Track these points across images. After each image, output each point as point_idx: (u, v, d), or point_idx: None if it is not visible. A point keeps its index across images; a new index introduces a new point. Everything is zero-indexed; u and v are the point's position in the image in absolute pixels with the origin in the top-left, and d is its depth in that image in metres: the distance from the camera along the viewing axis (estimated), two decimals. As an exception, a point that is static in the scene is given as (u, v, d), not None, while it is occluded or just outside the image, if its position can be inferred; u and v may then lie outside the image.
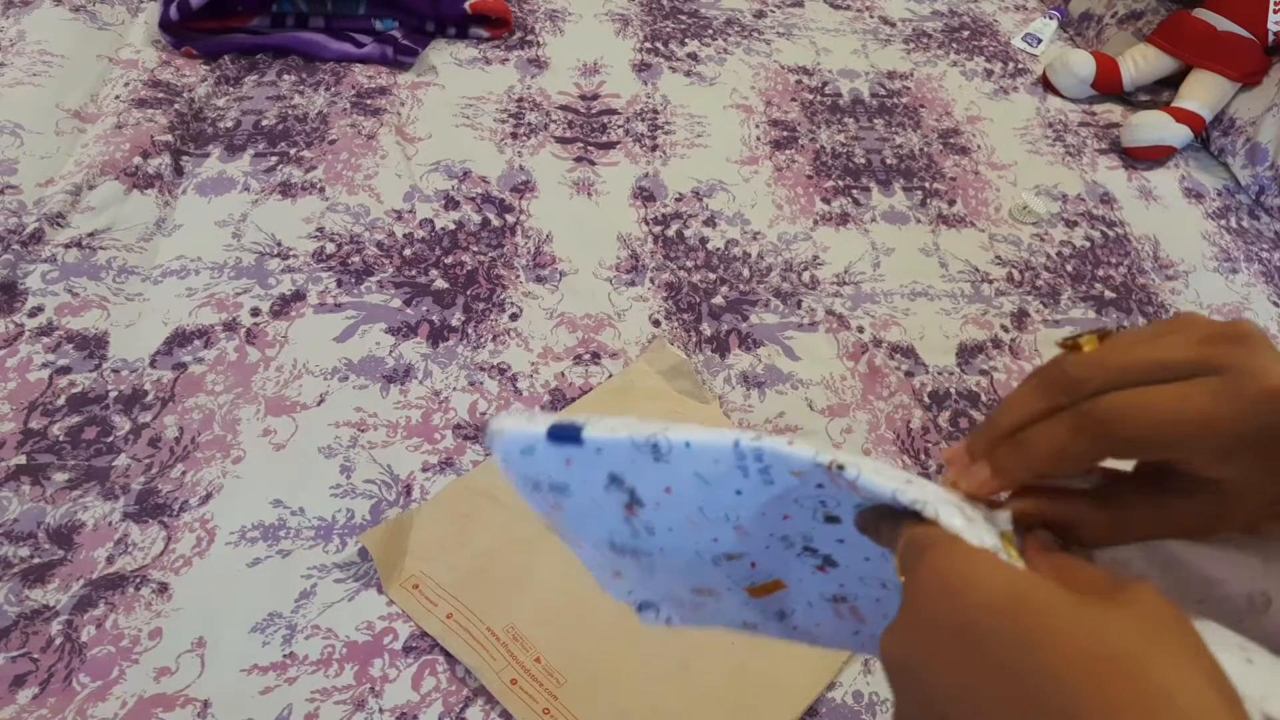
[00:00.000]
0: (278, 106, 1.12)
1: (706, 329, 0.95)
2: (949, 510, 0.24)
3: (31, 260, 0.87)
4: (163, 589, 0.68)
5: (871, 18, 1.56)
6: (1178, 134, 1.29)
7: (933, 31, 1.55)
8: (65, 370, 0.80)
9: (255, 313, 0.88)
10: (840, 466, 0.25)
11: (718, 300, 0.99)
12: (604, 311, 0.95)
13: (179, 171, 1.01)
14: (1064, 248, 1.15)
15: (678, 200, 1.11)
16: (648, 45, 1.38)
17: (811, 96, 1.34)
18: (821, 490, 0.28)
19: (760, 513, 0.30)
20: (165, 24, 1.15)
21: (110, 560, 0.68)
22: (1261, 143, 1.27)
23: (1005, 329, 1.02)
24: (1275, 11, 1.30)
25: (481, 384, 0.85)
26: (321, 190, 1.02)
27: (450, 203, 1.04)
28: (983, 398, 0.93)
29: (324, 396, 0.82)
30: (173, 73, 1.13)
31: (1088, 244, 1.16)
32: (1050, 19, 1.60)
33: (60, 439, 0.75)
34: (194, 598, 0.67)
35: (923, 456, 0.87)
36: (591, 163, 1.14)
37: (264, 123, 1.10)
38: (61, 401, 0.77)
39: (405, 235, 0.99)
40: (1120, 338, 0.25)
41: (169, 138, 1.03)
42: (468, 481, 0.77)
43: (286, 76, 1.17)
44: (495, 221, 1.03)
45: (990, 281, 1.08)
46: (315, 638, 0.67)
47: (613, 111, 1.24)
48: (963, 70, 1.46)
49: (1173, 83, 1.40)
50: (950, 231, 1.14)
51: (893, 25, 1.55)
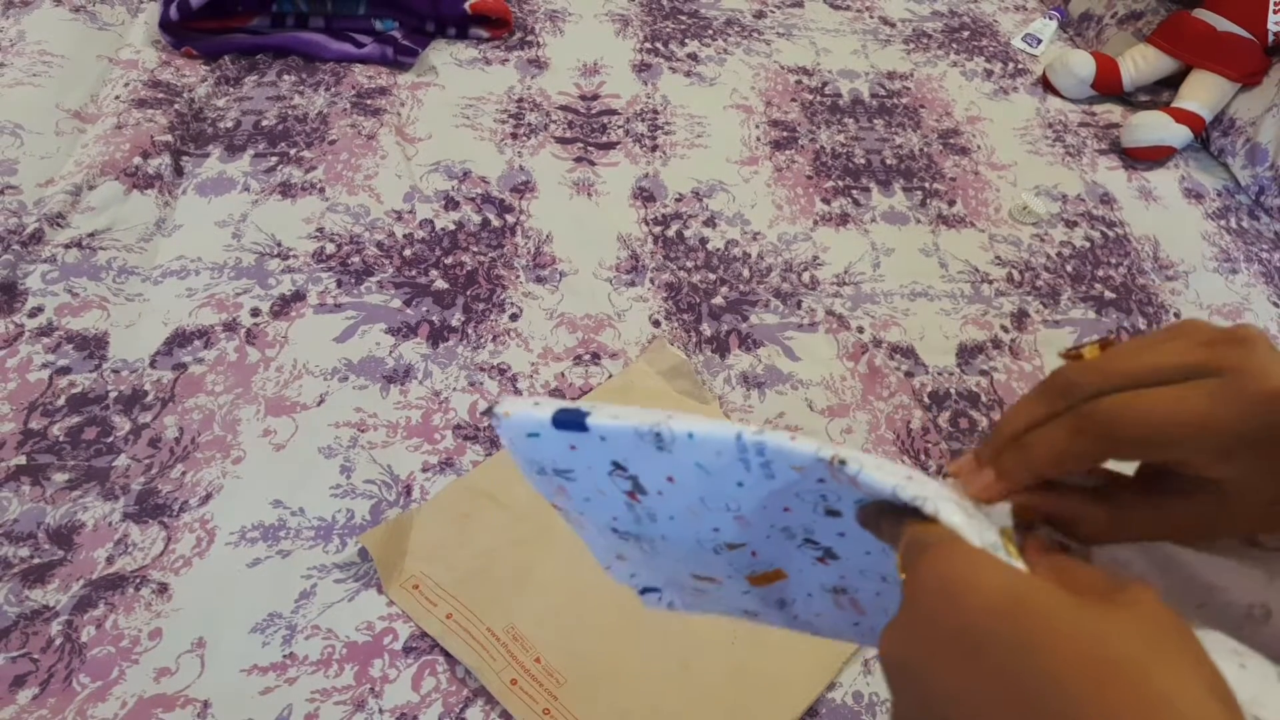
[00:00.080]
0: (278, 107, 1.12)
1: (706, 329, 0.95)
2: (949, 507, 0.24)
3: (31, 260, 0.87)
4: (163, 589, 0.68)
5: (871, 18, 1.56)
6: (1178, 134, 1.29)
7: (933, 32, 1.55)
8: (65, 370, 0.80)
9: (255, 313, 0.88)
10: (841, 462, 0.26)
11: (718, 301, 0.99)
12: (604, 312, 0.95)
13: (179, 172, 1.01)
14: (1064, 248, 1.15)
15: (678, 200, 1.11)
16: (648, 45, 1.38)
17: (811, 97, 1.34)
18: (823, 485, 0.28)
19: (761, 504, 0.30)
20: (165, 24, 1.15)
21: (110, 560, 0.68)
22: (1261, 143, 1.27)
23: (1005, 329, 1.02)
24: (1275, 12, 1.30)
25: (481, 384, 0.86)
26: (321, 190, 1.02)
27: (450, 203, 1.04)
28: (983, 398, 0.93)
29: (324, 397, 0.82)
30: (173, 73, 1.13)
31: (1088, 244, 1.16)
32: (1050, 19, 1.60)
33: (60, 439, 0.75)
34: (194, 598, 0.68)
35: (923, 457, 0.87)
36: (591, 163, 1.14)
37: (264, 123, 1.10)
38: (61, 402, 0.77)
39: (405, 235, 0.99)
40: (1121, 344, 0.26)
41: (169, 138, 1.03)
42: (468, 482, 0.77)
43: (286, 77, 1.17)
44: (495, 222, 1.03)
45: (990, 282, 1.08)
46: (315, 638, 0.67)
47: (613, 112, 1.24)
48: (963, 71, 1.46)
49: (1173, 83, 1.40)
50: (950, 232, 1.14)
51: (893, 25, 1.55)
